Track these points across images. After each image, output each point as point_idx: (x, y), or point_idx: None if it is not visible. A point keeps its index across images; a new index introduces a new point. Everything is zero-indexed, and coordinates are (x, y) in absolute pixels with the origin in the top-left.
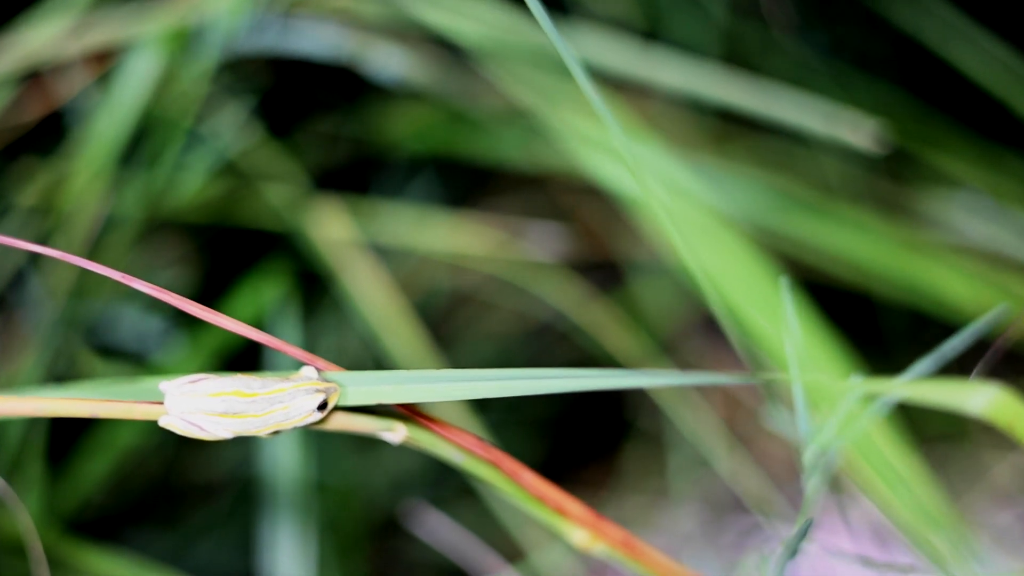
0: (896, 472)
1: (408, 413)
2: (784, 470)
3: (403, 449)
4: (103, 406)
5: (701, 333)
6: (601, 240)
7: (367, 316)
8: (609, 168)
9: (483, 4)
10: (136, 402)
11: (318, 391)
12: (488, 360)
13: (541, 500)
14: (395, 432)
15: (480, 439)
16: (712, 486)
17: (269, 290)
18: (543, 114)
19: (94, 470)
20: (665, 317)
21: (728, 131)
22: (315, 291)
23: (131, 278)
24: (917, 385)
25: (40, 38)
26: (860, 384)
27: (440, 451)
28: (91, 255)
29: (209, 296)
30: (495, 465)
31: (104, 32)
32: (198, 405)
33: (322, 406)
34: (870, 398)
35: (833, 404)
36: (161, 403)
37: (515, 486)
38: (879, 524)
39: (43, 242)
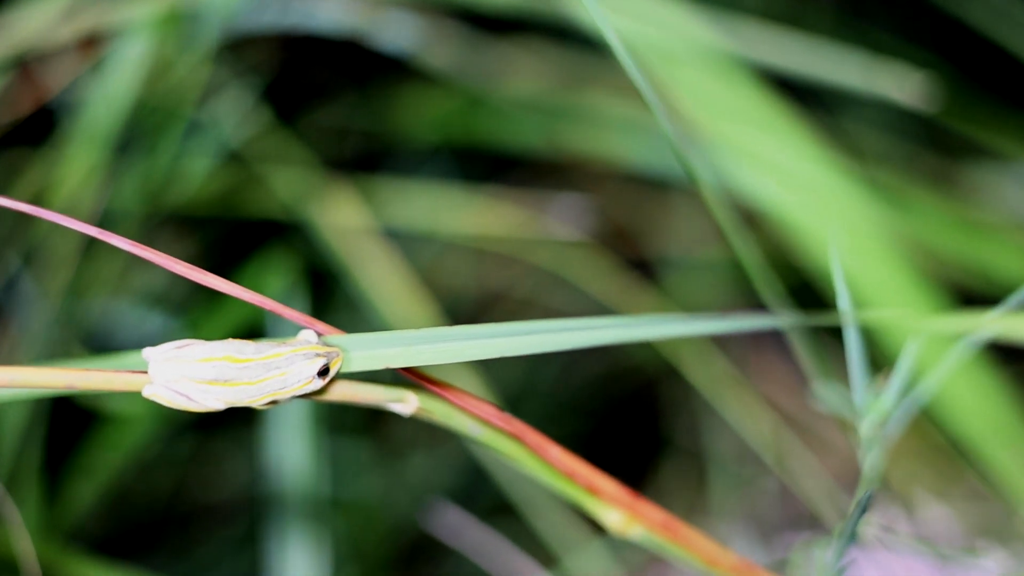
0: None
1: (420, 380)
2: (837, 485)
3: (429, 461)
4: (81, 376)
5: (743, 333)
6: (630, 235)
7: (385, 316)
8: (645, 152)
9: None
10: (117, 371)
11: (318, 356)
12: (519, 366)
13: (570, 478)
14: (405, 403)
15: (499, 409)
16: (759, 504)
17: (273, 280)
18: (570, 94)
19: (94, 481)
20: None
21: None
22: (328, 289)
23: (141, 246)
24: (995, 321)
25: (29, 24)
26: (932, 321)
27: (455, 423)
28: (88, 252)
29: (209, 290)
30: (517, 439)
31: (95, 16)
32: (185, 372)
33: (323, 372)
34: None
35: (902, 347)
36: (145, 372)
37: (541, 462)
38: (943, 532)
39: (37, 241)
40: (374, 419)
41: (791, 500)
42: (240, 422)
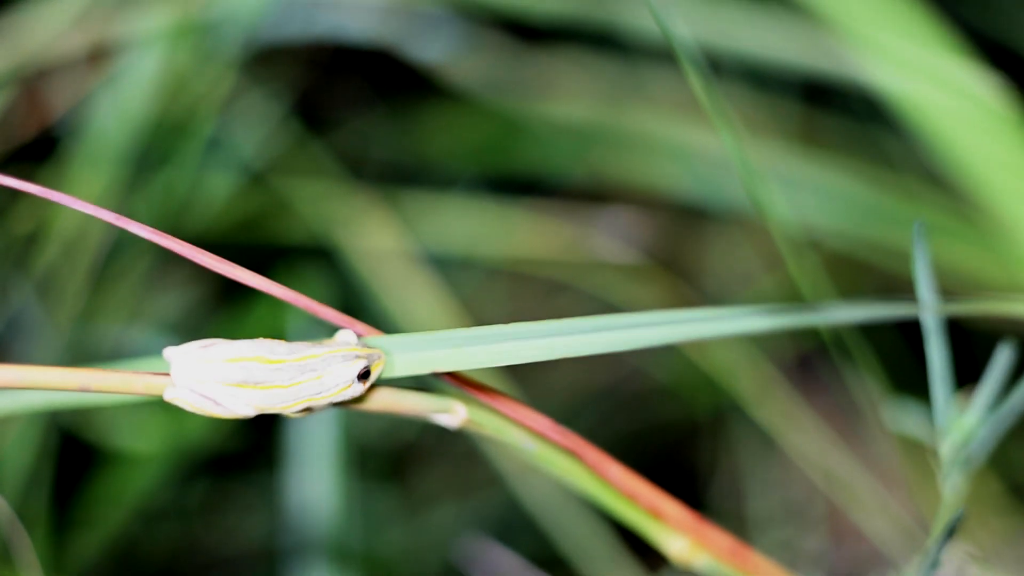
0: None
1: (468, 388)
2: (890, 548)
3: (460, 509)
4: (97, 377)
5: (795, 377)
6: (674, 267)
7: None
8: (691, 180)
9: None
10: (136, 372)
11: (359, 358)
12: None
13: (631, 499)
14: (453, 414)
15: (556, 423)
16: (804, 569)
17: (298, 309)
18: (614, 112)
19: (101, 528)
20: (750, 362)
21: (811, 115)
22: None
23: (164, 235)
24: None
25: (38, 33)
26: None
27: (507, 437)
28: (99, 281)
29: (228, 316)
30: (575, 455)
31: (107, 25)
32: (211, 373)
33: (364, 376)
34: None
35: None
36: (166, 374)
37: (599, 482)
38: None
39: (47, 267)
40: (399, 464)
41: (839, 565)
42: (258, 466)
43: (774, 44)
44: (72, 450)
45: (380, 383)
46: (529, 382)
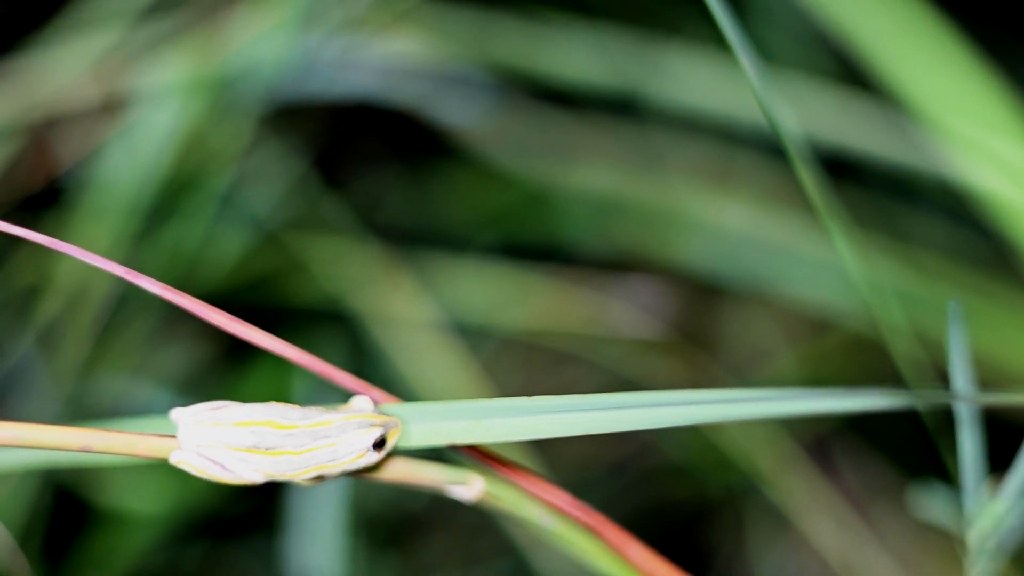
0: None
1: (487, 461)
2: None
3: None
4: (100, 437)
5: (813, 458)
6: (692, 343)
7: None
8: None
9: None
10: (140, 434)
11: (374, 426)
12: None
13: None
14: (469, 486)
15: (576, 499)
16: None
17: (309, 374)
18: (640, 183)
19: None
20: (767, 441)
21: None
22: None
23: (172, 290)
24: None
25: (49, 82)
26: None
27: (524, 512)
28: (102, 335)
29: (234, 371)
30: (595, 533)
31: (123, 76)
32: (220, 437)
33: (379, 445)
34: None
35: None
36: (173, 436)
37: (620, 562)
38: None
39: (49, 320)
40: (404, 532)
41: None
42: (258, 530)
43: (815, 118)
44: (66, 506)
45: (395, 453)
46: (538, 455)
